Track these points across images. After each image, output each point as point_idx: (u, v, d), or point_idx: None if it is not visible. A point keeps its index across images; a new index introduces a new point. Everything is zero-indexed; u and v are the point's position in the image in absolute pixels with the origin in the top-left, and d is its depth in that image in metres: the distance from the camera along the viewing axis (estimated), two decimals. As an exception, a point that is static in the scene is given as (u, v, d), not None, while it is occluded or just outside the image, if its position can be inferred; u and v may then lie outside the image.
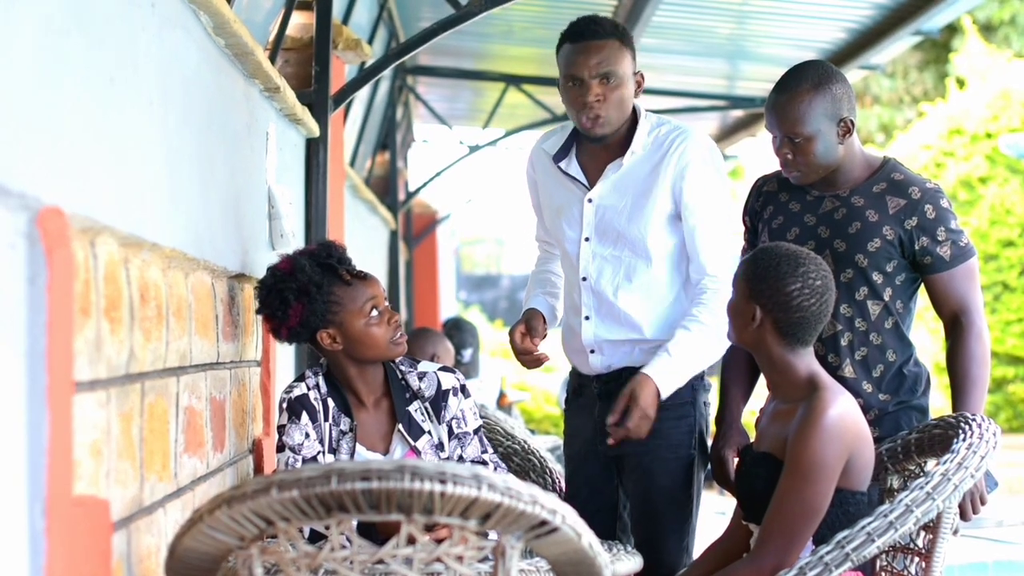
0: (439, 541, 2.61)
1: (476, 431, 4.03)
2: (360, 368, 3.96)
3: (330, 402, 3.96)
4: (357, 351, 3.92)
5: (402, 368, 4.03)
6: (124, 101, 2.89)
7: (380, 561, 2.61)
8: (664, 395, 4.18)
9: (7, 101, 2.18)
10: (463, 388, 4.03)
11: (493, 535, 2.62)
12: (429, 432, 3.96)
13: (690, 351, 4.19)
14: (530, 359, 4.35)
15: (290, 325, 3.88)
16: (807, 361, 3.76)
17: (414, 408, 3.98)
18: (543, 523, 2.53)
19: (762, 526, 3.62)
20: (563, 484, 4.51)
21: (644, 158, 4.31)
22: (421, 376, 4.01)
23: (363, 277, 3.92)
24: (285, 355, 5.23)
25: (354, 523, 2.60)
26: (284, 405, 3.93)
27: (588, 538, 2.61)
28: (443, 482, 2.40)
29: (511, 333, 4.40)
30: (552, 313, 4.57)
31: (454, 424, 3.99)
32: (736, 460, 4.12)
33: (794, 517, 3.55)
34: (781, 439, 3.68)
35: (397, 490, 2.40)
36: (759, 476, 3.73)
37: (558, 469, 4.57)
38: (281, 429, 3.92)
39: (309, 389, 3.95)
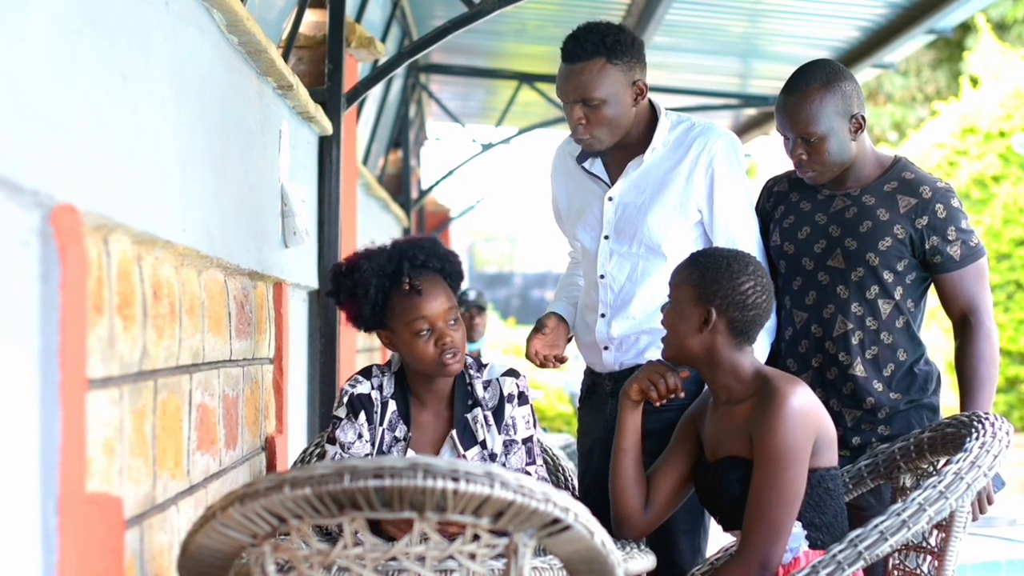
0: (451, 538, 2.61)
1: (526, 440, 3.96)
2: (421, 373, 3.92)
3: (391, 405, 3.92)
4: (406, 360, 3.91)
5: (470, 372, 3.98)
6: (137, 99, 2.89)
7: (393, 558, 2.61)
8: None
9: (21, 99, 2.19)
10: (521, 395, 3.98)
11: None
12: (483, 442, 3.90)
13: None
14: (554, 360, 4.43)
15: (349, 317, 3.92)
16: (751, 357, 3.78)
17: (473, 416, 3.93)
18: (556, 521, 2.53)
19: (745, 523, 3.61)
20: (575, 482, 4.51)
21: (665, 155, 4.30)
22: (486, 384, 3.96)
23: (420, 292, 3.82)
24: (298, 353, 5.24)
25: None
26: (345, 399, 3.90)
27: (601, 536, 2.61)
28: (455, 480, 2.40)
29: (531, 341, 4.46)
30: (573, 318, 4.60)
31: (504, 431, 3.94)
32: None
33: (774, 508, 3.55)
34: (744, 439, 3.67)
35: (410, 488, 2.40)
36: (732, 481, 3.71)
37: (570, 467, 4.57)
38: (336, 421, 3.89)
39: (373, 388, 3.93)
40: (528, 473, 3.93)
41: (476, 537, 2.55)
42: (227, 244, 3.77)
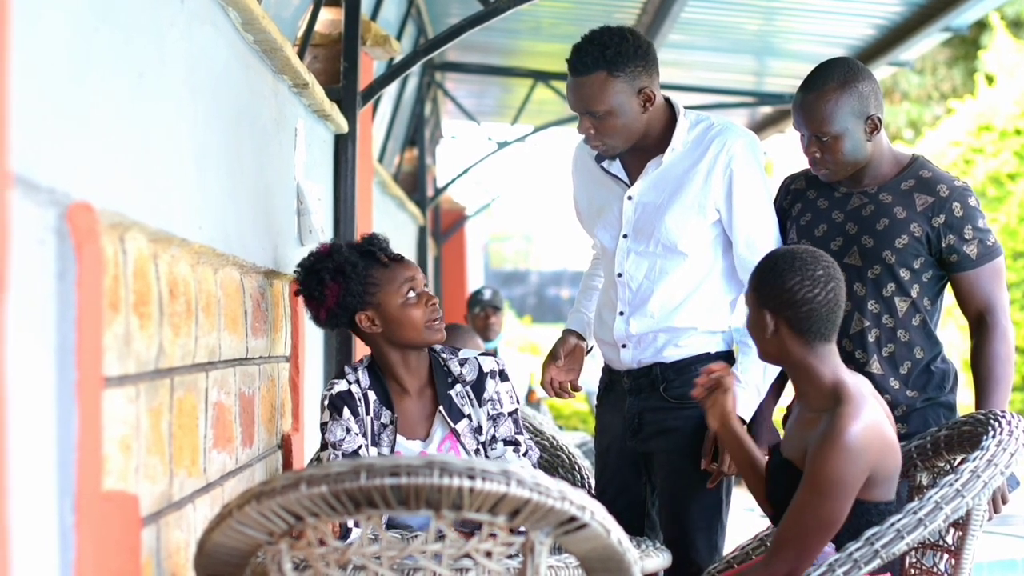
0: (468, 536, 2.61)
1: (511, 413, 4.06)
2: (403, 354, 4.01)
3: (371, 395, 3.99)
4: (395, 334, 3.97)
5: (444, 356, 4.08)
6: (153, 97, 2.90)
7: (409, 557, 2.62)
8: (748, 418, 4.22)
9: (37, 97, 2.19)
10: (502, 372, 4.08)
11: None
12: (469, 416, 4.01)
13: (755, 366, 4.19)
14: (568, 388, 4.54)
15: (328, 306, 3.93)
16: (832, 365, 3.68)
17: (456, 392, 4.02)
18: (572, 519, 2.53)
19: (777, 533, 3.60)
20: (592, 480, 4.51)
21: (684, 155, 4.28)
22: (463, 362, 4.07)
23: (400, 260, 3.99)
24: (314, 351, 5.24)
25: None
26: (325, 403, 3.97)
27: (617, 534, 2.60)
28: (472, 478, 2.40)
29: (545, 369, 4.56)
30: (589, 329, 4.62)
31: (490, 406, 4.03)
32: (766, 458, 4.09)
33: (808, 530, 3.52)
34: (802, 449, 3.64)
35: (426, 486, 2.40)
36: (780, 484, 3.72)
37: (586, 465, 4.57)
38: (324, 427, 3.95)
39: (350, 384, 3.99)
40: (518, 442, 4.04)
41: (492, 535, 2.55)
42: (243, 242, 3.77)
